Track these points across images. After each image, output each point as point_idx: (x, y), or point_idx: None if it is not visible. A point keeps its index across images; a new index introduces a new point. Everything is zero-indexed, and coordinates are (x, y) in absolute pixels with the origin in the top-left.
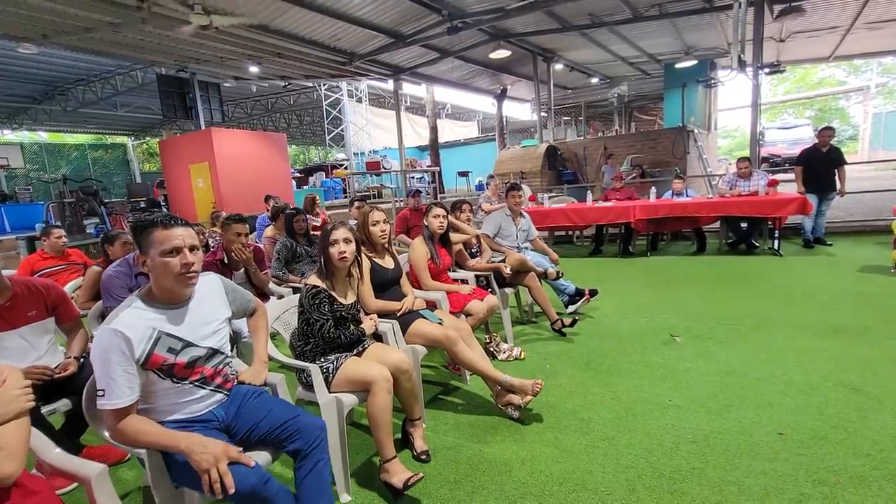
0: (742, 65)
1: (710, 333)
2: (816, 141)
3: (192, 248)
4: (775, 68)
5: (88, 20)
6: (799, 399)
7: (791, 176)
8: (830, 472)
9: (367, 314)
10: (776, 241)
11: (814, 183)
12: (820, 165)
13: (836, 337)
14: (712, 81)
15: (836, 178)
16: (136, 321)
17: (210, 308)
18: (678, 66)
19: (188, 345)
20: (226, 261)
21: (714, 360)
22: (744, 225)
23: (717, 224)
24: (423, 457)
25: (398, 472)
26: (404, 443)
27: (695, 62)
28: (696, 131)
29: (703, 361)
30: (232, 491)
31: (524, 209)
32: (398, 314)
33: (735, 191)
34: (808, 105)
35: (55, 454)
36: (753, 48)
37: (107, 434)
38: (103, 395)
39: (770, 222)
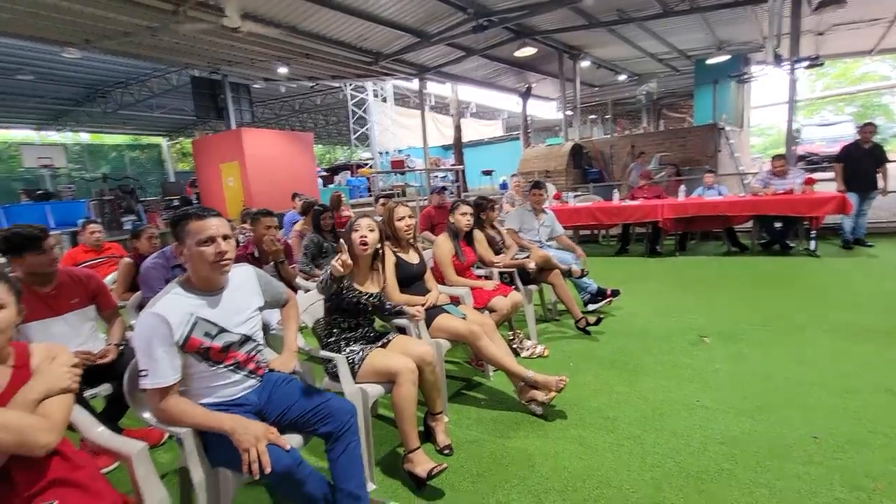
0: (778, 59)
1: (740, 335)
2: (858, 137)
3: (224, 237)
4: (813, 62)
5: (128, 25)
6: (835, 403)
7: (829, 175)
8: (868, 477)
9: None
10: (812, 242)
11: (854, 181)
12: (861, 163)
13: (874, 340)
14: (746, 76)
15: (879, 176)
16: (175, 306)
17: (243, 297)
18: (709, 61)
19: (222, 330)
20: (256, 254)
21: (744, 361)
22: (778, 225)
23: (749, 224)
24: (446, 451)
25: (422, 462)
26: (426, 436)
27: (727, 57)
28: (727, 129)
29: (732, 363)
30: (268, 470)
31: (548, 207)
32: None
33: (769, 189)
34: (848, 101)
35: (99, 432)
36: (790, 42)
37: (148, 415)
38: (146, 376)
39: (806, 222)
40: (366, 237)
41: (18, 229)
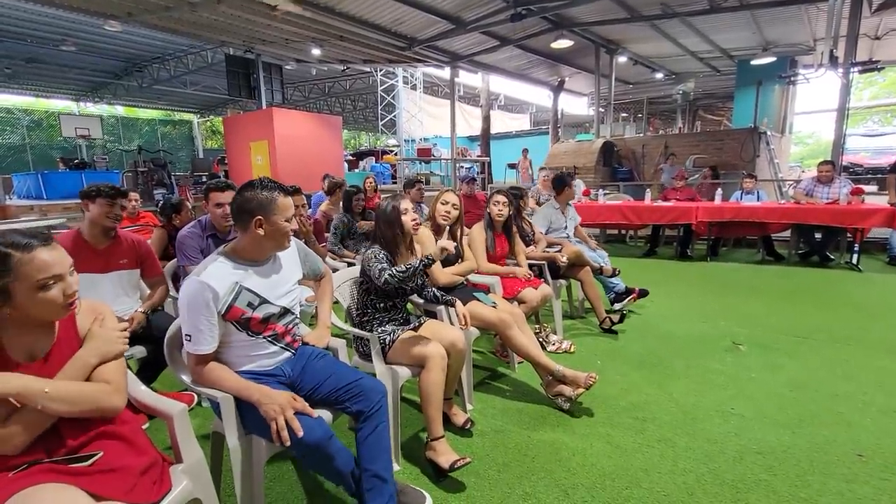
0: (834, 61)
1: (776, 344)
2: None
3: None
4: (871, 66)
5: None
6: (882, 421)
7: (874, 188)
8: None
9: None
10: (855, 255)
11: None
12: None
13: None
14: (795, 78)
15: None
16: (221, 274)
17: (286, 268)
18: (754, 62)
19: (264, 301)
20: None
21: (782, 371)
22: (818, 235)
23: (787, 233)
24: (468, 425)
25: (445, 453)
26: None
27: (773, 59)
28: (768, 133)
29: (769, 372)
30: (300, 434)
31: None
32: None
33: (815, 199)
34: None
35: (142, 391)
36: (846, 44)
37: (185, 378)
38: (190, 341)
39: (850, 234)
40: (416, 218)
41: (109, 184)
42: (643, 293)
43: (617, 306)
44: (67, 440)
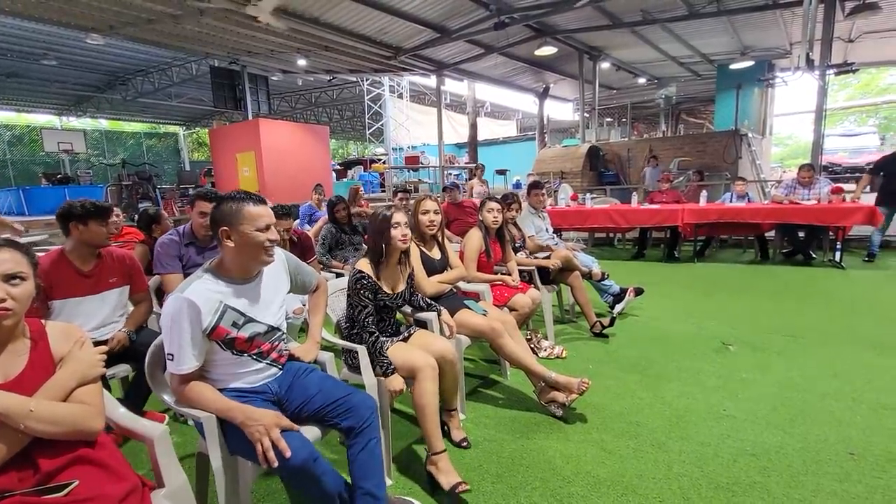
0: (810, 63)
1: (765, 344)
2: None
3: (274, 225)
4: (846, 68)
5: (152, 12)
6: (871, 419)
7: (853, 187)
8: None
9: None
10: (838, 253)
11: (890, 194)
12: None
13: None
14: (774, 81)
15: None
16: (206, 292)
17: (274, 285)
18: (733, 66)
19: (250, 320)
20: None
21: (772, 371)
22: (801, 234)
23: (772, 233)
24: (464, 444)
25: (447, 472)
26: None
27: (751, 63)
28: (749, 135)
29: (759, 373)
30: (288, 455)
31: (564, 207)
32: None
33: (794, 198)
34: (872, 113)
35: (121, 413)
36: (821, 48)
37: (167, 398)
38: (172, 360)
39: (832, 232)
40: (407, 235)
41: (92, 200)
42: (639, 291)
43: (618, 308)
44: (41, 465)
